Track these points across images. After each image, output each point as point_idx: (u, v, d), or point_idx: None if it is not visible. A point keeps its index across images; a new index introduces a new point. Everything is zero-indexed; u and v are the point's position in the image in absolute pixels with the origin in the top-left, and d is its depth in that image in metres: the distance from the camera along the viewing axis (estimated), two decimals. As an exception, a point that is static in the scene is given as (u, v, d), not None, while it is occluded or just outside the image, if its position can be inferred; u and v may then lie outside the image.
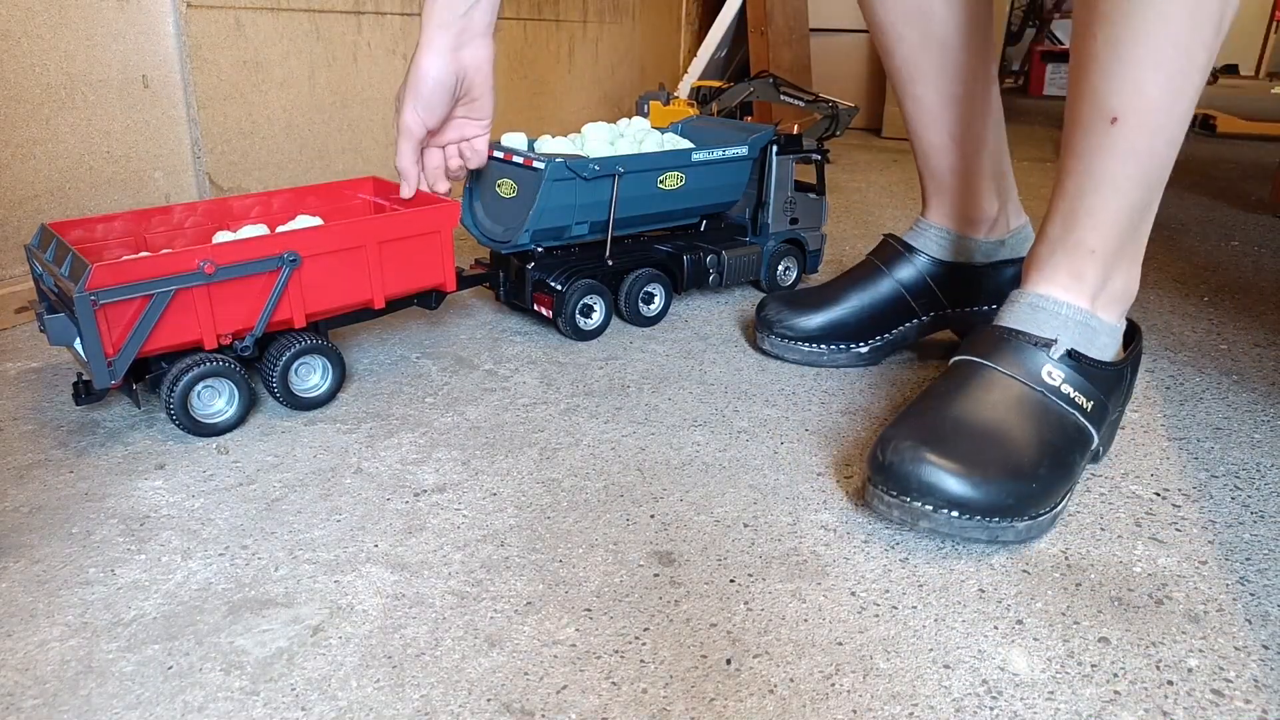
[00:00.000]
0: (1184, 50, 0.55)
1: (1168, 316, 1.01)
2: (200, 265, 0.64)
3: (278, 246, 0.68)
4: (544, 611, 0.50)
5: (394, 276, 0.76)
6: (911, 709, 0.43)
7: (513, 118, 1.71)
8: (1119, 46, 0.56)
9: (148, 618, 0.48)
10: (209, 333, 0.67)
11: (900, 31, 0.76)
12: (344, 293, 0.74)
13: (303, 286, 0.71)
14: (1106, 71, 0.57)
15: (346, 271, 0.73)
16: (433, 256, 0.78)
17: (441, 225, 0.78)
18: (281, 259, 0.68)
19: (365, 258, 0.74)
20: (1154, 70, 0.56)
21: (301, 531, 0.57)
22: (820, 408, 0.76)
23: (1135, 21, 0.55)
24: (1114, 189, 0.60)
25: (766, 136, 0.99)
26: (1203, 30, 0.55)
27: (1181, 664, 0.47)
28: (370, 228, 0.73)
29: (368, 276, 0.74)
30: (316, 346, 0.72)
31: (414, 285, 0.78)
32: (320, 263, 0.71)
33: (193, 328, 0.66)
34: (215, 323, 0.67)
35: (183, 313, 0.65)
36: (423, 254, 0.78)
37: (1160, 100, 0.57)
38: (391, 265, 0.76)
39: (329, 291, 0.73)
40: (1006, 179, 0.83)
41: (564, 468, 0.65)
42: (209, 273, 0.65)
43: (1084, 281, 0.62)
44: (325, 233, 0.71)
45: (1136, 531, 0.59)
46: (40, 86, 0.90)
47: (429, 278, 0.79)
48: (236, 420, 0.69)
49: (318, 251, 0.71)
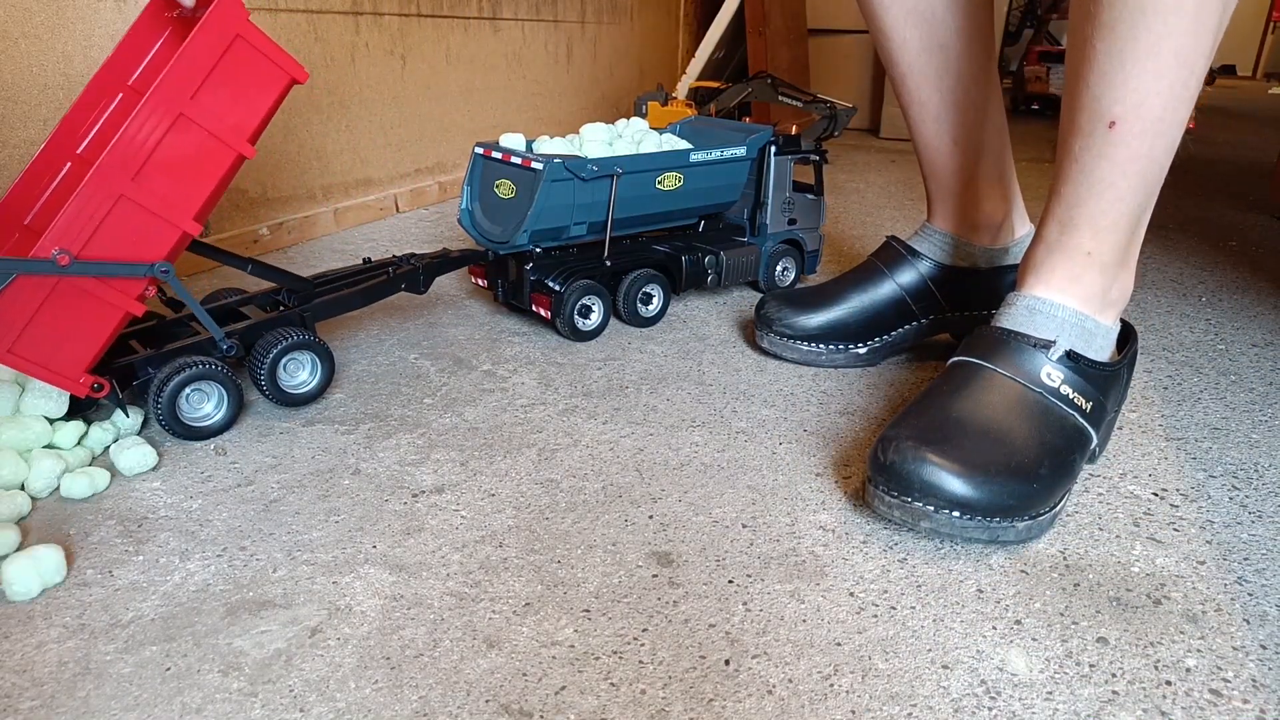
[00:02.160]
0: (1187, 61, 0.55)
1: (1165, 317, 1.01)
2: (53, 255, 0.58)
3: (106, 191, 0.60)
4: (542, 612, 0.50)
5: (238, 114, 0.65)
6: (910, 709, 0.43)
7: (511, 118, 1.71)
8: (1121, 58, 0.56)
9: (146, 619, 0.48)
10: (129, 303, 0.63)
11: (903, 35, 0.77)
12: (208, 171, 0.64)
13: (163, 202, 0.63)
14: (1108, 81, 0.57)
15: (189, 152, 0.63)
16: (256, 63, 0.65)
17: (232, 26, 0.63)
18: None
19: (191, 124, 0.63)
20: (1156, 80, 0.56)
21: (300, 533, 0.57)
22: (819, 408, 0.76)
23: (1139, 33, 0.55)
24: (1113, 194, 0.60)
25: (765, 137, 0.99)
26: (1204, 40, 0.55)
27: (1180, 664, 0.47)
28: (166, 95, 0.61)
29: (213, 137, 0.64)
30: (305, 342, 0.72)
31: (265, 103, 0.66)
32: (156, 169, 0.62)
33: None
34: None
35: (67, 306, 0.61)
36: (243, 69, 0.64)
37: (1162, 109, 0.57)
38: (223, 105, 0.64)
39: (191, 182, 0.64)
40: (1010, 184, 0.83)
41: (562, 468, 0.65)
42: (63, 264, 0.59)
43: (1081, 284, 0.62)
44: (131, 141, 0.60)
45: (1135, 532, 0.59)
46: (38, 87, 0.90)
47: (272, 86, 0.66)
48: (227, 423, 0.69)
49: (140, 163, 0.61)
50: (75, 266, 0.59)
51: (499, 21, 1.61)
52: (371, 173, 1.38)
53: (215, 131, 0.64)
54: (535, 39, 1.73)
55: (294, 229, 1.23)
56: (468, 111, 1.58)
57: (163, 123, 0.61)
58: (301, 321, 0.75)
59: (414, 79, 1.43)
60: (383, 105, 1.37)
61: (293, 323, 0.75)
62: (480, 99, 1.61)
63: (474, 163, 0.92)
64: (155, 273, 0.63)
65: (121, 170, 0.60)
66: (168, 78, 0.61)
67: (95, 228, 0.61)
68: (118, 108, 0.75)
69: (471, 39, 1.54)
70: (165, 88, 0.61)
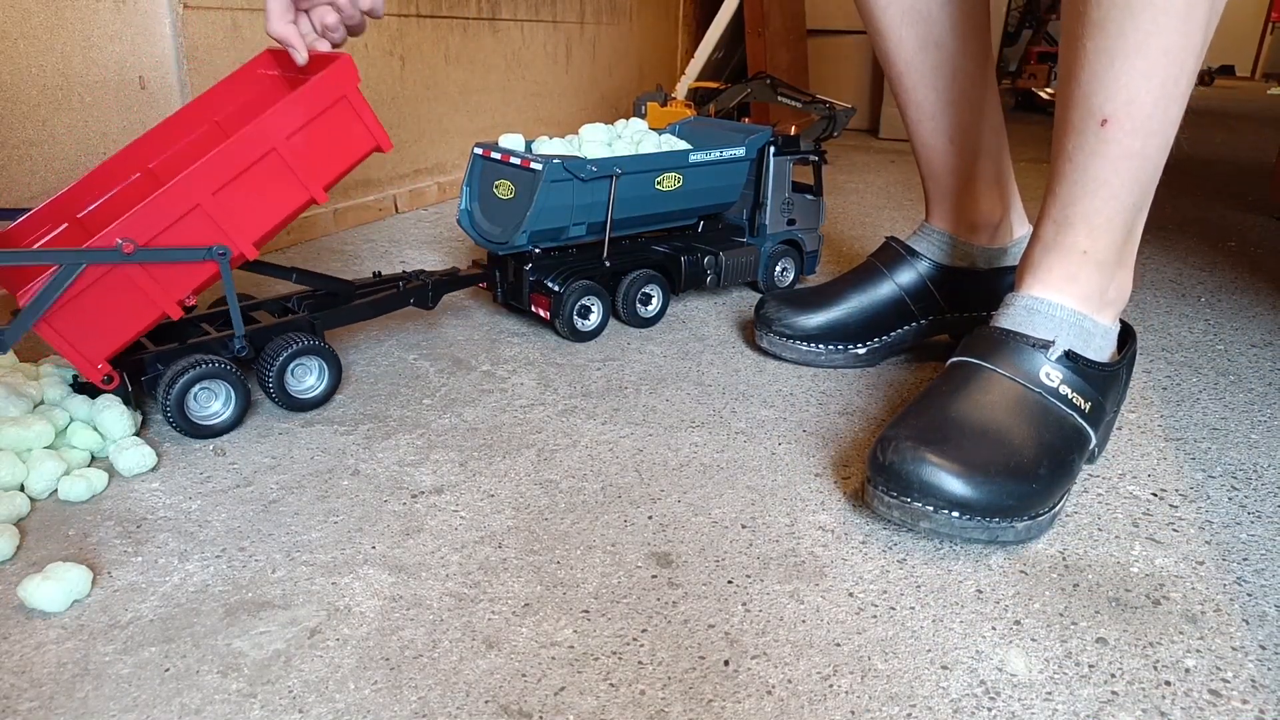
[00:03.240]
0: (1176, 58, 0.56)
1: (1164, 317, 1.01)
2: (119, 244, 0.61)
3: (180, 203, 0.63)
4: (542, 613, 0.50)
5: (322, 162, 0.70)
6: (909, 710, 0.43)
7: (510, 118, 1.71)
8: (1111, 55, 0.56)
9: (145, 620, 0.48)
10: (169, 304, 0.64)
11: (899, 34, 0.77)
12: (280, 204, 0.69)
13: (234, 221, 0.66)
14: (1099, 79, 0.57)
15: (269, 183, 0.68)
16: (351, 124, 0.72)
17: (342, 87, 0.70)
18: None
19: (280, 160, 0.68)
20: (1146, 79, 0.56)
21: (299, 533, 0.56)
22: (818, 409, 0.76)
23: (1128, 31, 0.55)
24: (1107, 192, 0.60)
25: (764, 138, 0.99)
26: (1193, 37, 0.55)
27: (1179, 664, 0.47)
28: (266, 129, 0.67)
29: (294, 176, 0.69)
30: (313, 347, 0.72)
31: (348, 161, 0.72)
32: (237, 189, 0.66)
33: (144, 304, 0.63)
34: (165, 294, 0.64)
35: (120, 290, 0.62)
36: (339, 126, 0.71)
37: (1153, 107, 0.57)
38: (313, 152, 0.70)
39: (263, 210, 0.68)
40: (1009, 185, 0.83)
41: (562, 469, 0.65)
42: (128, 252, 0.61)
43: (1078, 283, 0.62)
44: (224, 159, 0.65)
45: (1134, 532, 0.59)
46: (37, 88, 0.90)
47: (359, 147, 0.73)
48: (233, 422, 0.69)
49: (225, 180, 0.65)
50: (139, 254, 0.62)
51: (498, 22, 1.61)
52: (370, 173, 1.38)
53: (299, 173, 0.70)
54: (534, 40, 1.73)
55: (293, 229, 1.22)
56: (467, 112, 1.58)
57: (255, 152, 0.67)
58: (311, 327, 0.76)
59: (413, 80, 1.43)
60: (382, 106, 1.37)
61: (301, 328, 0.75)
62: (479, 100, 1.60)
63: (473, 163, 0.92)
64: (214, 255, 0.66)
65: (206, 183, 0.65)
66: (273, 115, 0.67)
67: (164, 228, 0.64)
68: (200, 136, 0.79)
69: (470, 40, 1.54)
70: (267, 123, 0.67)
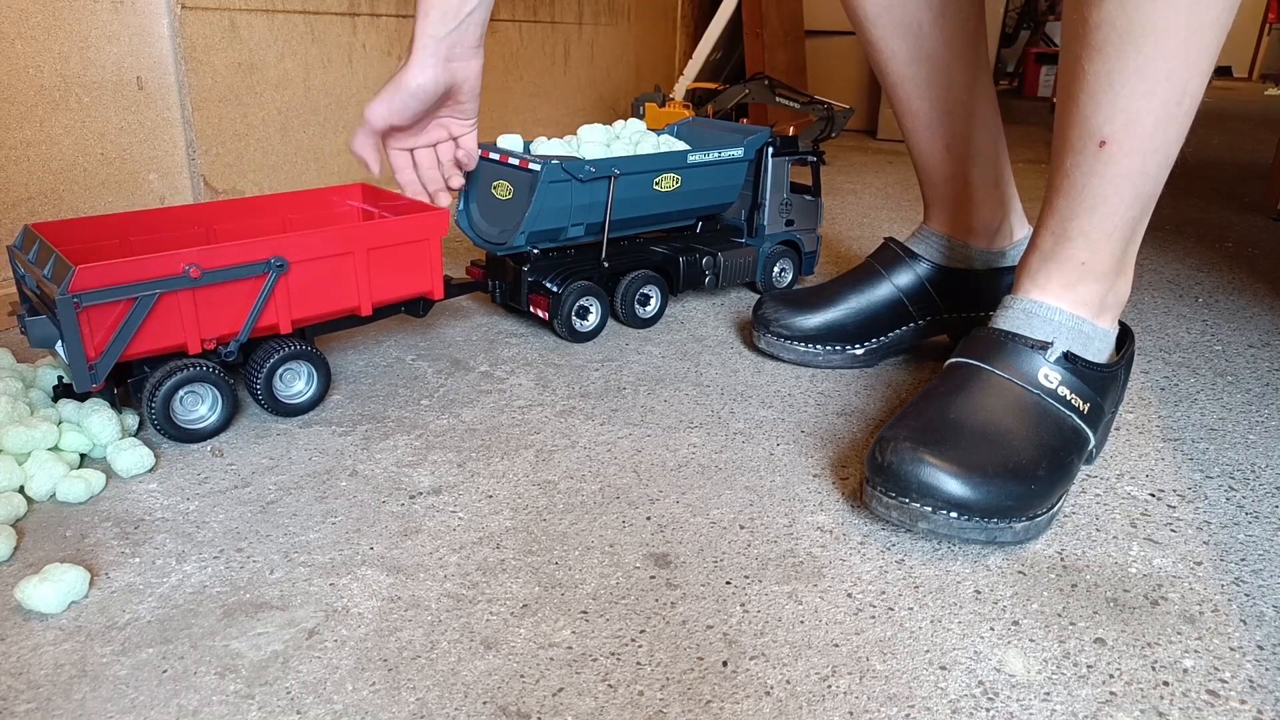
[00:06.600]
0: (1179, 80, 0.55)
1: (1162, 318, 1.02)
2: (186, 269, 0.64)
3: (265, 251, 0.68)
4: (540, 614, 0.50)
5: (381, 283, 0.76)
6: (908, 710, 0.43)
7: (508, 119, 1.71)
8: (1110, 78, 0.55)
9: (142, 621, 0.48)
10: (193, 337, 0.66)
11: (891, 47, 0.77)
12: (331, 299, 0.73)
13: (289, 292, 0.70)
14: (1098, 101, 0.56)
15: (334, 278, 0.72)
16: (421, 264, 0.78)
17: (431, 233, 0.77)
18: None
19: (353, 264, 0.73)
20: (1147, 100, 0.55)
21: (297, 534, 0.56)
22: (816, 409, 0.76)
23: (1128, 55, 0.54)
24: (1105, 208, 0.60)
25: (762, 138, 0.99)
26: (1198, 59, 0.54)
27: (1177, 664, 0.47)
28: (359, 234, 0.73)
29: (355, 283, 0.74)
30: (301, 353, 0.72)
31: (402, 293, 0.78)
32: (308, 268, 0.70)
33: (177, 332, 0.66)
34: (200, 327, 0.66)
35: (167, 317, 0.65)
36: (411, 261, 0.77)
37: (1154, 127, 0.56)
38: (379, 272, 0.75)
39: (316, 297, 0.72)
40: (1007, 189, 0.83)
41: (560, 470, 0.65)
42: (194, 276, 0.64)
43: (1076, 291, 0.62)
44: (313, 238, 0.70)
45: (1132, 532, 0.59)
46: (34, 88, 0.90)
47: (417, 285, 0.79)
48: (220, 426, 0.69)
49: (306, 257, 0.70)
50: (205, 277, 0.65)
51: (496, 23, 1.61)
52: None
53: (360, 281, 0.74)
54: (532, 40, 1.73)
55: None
56: (465, 113, 1.57)
57: (337, 248, 0.72)
58: (300, 332, 0.76)
59: (411, 80, 1.42)
60: (380, 106, 1.37)
61: (290, 333, 0.75)
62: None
63: (471, 164, 0.92)
64: (271, 267, 0.68)
65: (278, 251, 0.68)
66: (370, 225, 0.74)
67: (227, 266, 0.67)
68: (270, 223, 0.85)
69: (469, 40, 1.54)
70: (363, 229, 0.73)
